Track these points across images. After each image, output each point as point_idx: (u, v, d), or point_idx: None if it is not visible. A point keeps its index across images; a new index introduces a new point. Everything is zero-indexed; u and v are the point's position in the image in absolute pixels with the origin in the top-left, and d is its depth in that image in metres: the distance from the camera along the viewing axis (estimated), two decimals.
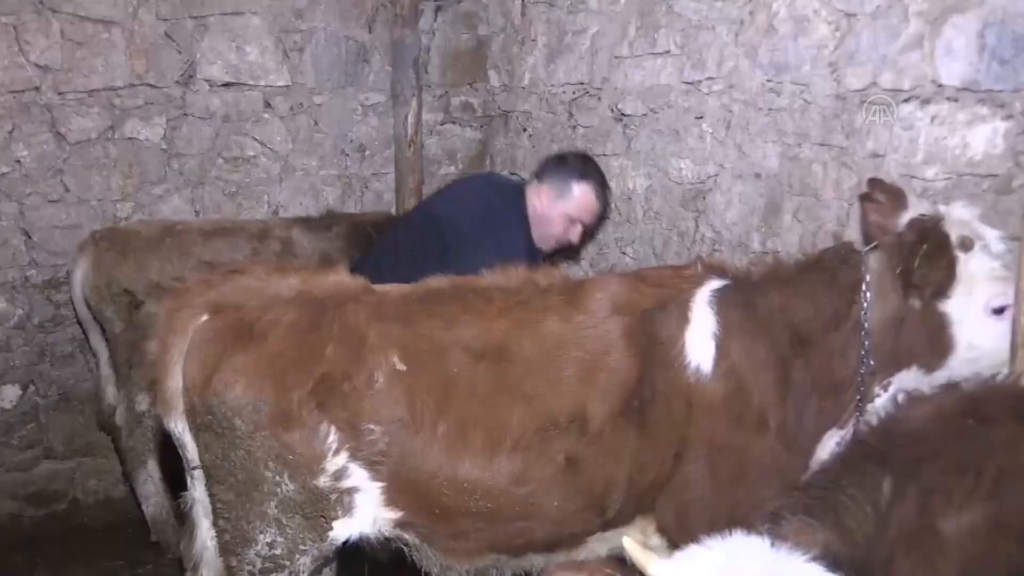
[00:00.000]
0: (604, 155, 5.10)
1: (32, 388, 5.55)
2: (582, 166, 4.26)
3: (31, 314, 5.48)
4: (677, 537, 2.81)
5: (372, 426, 2.84)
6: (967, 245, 2.76)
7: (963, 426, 2.32)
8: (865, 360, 2.81)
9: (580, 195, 4.19)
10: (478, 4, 6.31)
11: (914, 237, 2.76)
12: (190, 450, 3.01)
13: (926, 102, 3.31)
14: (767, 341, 2.84)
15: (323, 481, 2.86)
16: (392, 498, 2.91)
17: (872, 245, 2.91)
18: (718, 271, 3.06)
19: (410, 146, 6.14)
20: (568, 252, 4.59)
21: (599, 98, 5.15)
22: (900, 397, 2.54)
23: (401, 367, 2.86)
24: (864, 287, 2.81)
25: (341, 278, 3.12)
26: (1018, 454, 2.25)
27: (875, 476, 2.23)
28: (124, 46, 5.44)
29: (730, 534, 1.90)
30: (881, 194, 2.96)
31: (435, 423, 2.85)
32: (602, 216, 4.49)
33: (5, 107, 5.22)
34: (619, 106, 4.97)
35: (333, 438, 2.83)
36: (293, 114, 5.95)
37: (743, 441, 2.84)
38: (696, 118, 4.43)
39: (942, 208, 2.88)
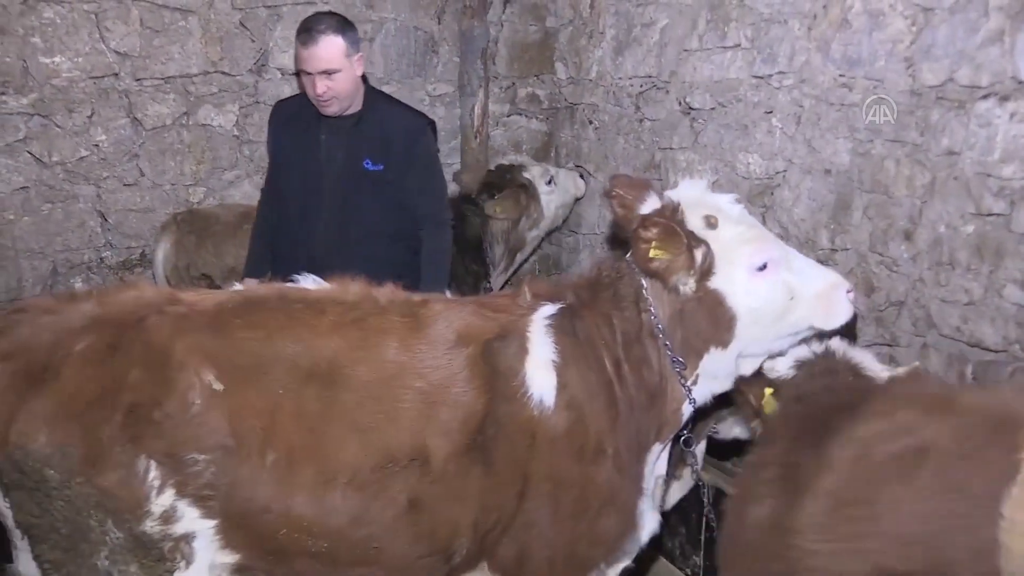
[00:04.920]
0: (671, 148, 5.09)
1: None
2: (300, 26, 4.19)
3: None
4: None
5: (195, 455, 2.55)
6: (712, 223, 2.79)
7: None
8: (673, 361, 2.82)
9: (297, 53, 4.20)
10: None
11: (643, 227, 2.74)
12: (6, 515, 2.67)
13: (1005, 99, 3.25)
14: (595, 365, 2.81)
15: (150, 526, 2.55)
16: (227, 538, 2.63)
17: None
18: (544, 296, 2.94)
19: (476, 137, 6.21)
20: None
21: (667, 91, 5.13)
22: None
23: (218, 386, 2.58)
24: (644, 292, 2.82)
25: (140, 291, 2.81)
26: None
27: None
28: (200, 34, 5.57)
29: None
30: (623, 188, 2.95)
31: (263, 451, 2.57)
32: (324, 56, 4.08)
33: (85, 92, 5.37)
34: (687, 99, 4.95)
35: (154, 474, 2.53)
36: None
37: (585, 473, 2.75)
38: (765, 112, 4.39)
39: (669, 193, 2.91)
